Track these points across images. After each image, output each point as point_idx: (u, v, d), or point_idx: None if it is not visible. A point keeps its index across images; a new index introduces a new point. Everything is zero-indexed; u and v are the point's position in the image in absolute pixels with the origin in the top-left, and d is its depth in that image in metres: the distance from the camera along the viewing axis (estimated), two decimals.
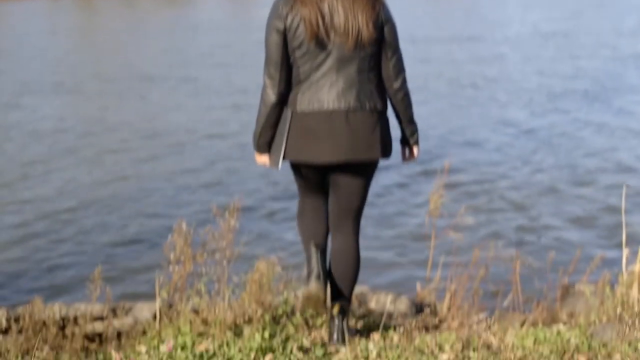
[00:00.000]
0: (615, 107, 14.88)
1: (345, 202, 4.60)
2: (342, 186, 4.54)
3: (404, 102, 4.50)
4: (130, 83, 17.98)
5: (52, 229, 8.66)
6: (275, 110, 4.39)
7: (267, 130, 4.45)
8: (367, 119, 4.34)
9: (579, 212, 9.21)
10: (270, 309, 4.81)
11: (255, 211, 9.16)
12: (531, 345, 4.64)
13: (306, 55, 4.28)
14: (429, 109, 14.77)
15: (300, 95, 4.34)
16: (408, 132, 4.63)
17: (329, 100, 4.30)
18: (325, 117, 4.31)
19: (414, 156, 4.74)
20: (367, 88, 4.35)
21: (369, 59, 4.33)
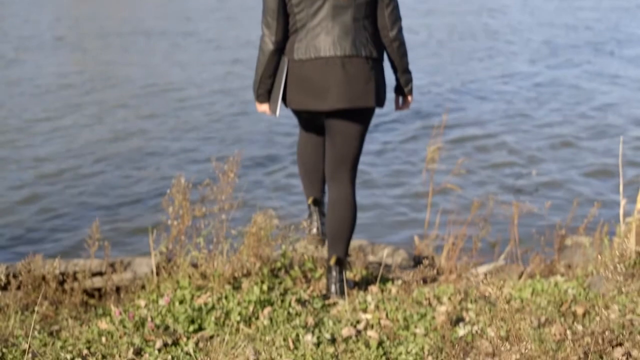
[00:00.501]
0: (624, 58, 14.80)
1: (340, 150, 4.65)
2: (338, 133, 4.61)
3: (399, 51, 4.55)
4: (132, 38, 17.81)
5: (53, 187, 8.62)
6: (274, 58, 4.48)
7: (266, 79, 4.55)
8: (363, 65, 4.41)
9: (584, 164, 9.19)
10: (269, 262, 4.82)
11: (256, 166, 9.15)
12: (529, 297, 4.67)
13: (302, 3, 4.36)
14: (434, 62, 14.72)
15: (297, 44, 4.43)
16: (403, 82, 4.69)
17: (325, 48, 4.38)
18: (321, 64, 4.39)
19: (408, 105, 4.81)
20: (362, 35, 4.42)
21: (365, 7, 4.40)
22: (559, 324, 4.15)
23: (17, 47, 16.57)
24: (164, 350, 3.98)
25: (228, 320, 4.28)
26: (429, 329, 4.20)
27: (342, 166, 4.69)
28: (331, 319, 4.32)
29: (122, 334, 4.12)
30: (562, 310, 4.45)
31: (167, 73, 14.18)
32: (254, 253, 4.75)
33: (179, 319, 4.24)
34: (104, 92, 12.96)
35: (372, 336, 4.10)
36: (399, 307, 4.45)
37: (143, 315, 4.28)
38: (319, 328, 4.20)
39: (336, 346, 3.99)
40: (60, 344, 4.04)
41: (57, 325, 4.35)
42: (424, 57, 15.03)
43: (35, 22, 20.06)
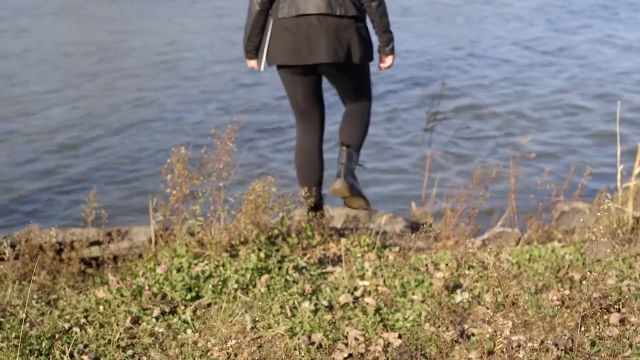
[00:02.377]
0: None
1: (345, 94, 5.17)
2: (337, 86, 5.13)
3: (378, 12, 4.84)
4: (138, 3, 17.67)
5: (44, 156, 8.61)
6: (260, 18, 4.87)
7: (254, 37, 4.95)
8: (338, 22, 4.72)
9: (585, 132, 9.18)
10: (266, 230, 4.82)
11: (259, 133, 9.13)
12: (526, 263, 4.67)
13: None
14: (439, 26, 14.65)
15: (281, 3, 4.77)
16: (384, 41, 4.99)
17: (305, 6, 4.71)
18: (300, 22, 4.74)
19: (389, 65, 5.09)
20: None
21: None
22: (555, 290, 4.17)
23: (19, 16, 16.42)
24: (161, 318, 3.99)
25: (225, 288, 4.28)
26: (426, 296, 4.21)
27: (351, 100, 5.16)
28: (328, 286, 4.32)
29: (119, 302, 4.13)
30: (559, 276, 4.46)
31: (175, 40, 14.03)
32: (252, 221, 4.74)
33: (177, 287, 4.24)
34: (109, 61, 12.82)
35: (370, 303, 4.11)
36: (396, 274, 4.46)
37: (140, 284, 4.29)
38: (316, 295, 4.21)
39: (333, 313, 4.00)
40: (58, 313, 4.06)
41: (55, 295, 4.36)
42: (432, 22, 14.99)
43: None
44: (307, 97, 5.08)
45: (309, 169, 5.20)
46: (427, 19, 15.43)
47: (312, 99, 5.10)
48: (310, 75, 4.97)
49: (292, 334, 3.77)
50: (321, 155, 5.23)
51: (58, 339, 3.74)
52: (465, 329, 3.78)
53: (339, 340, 3.74)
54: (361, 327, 3.84)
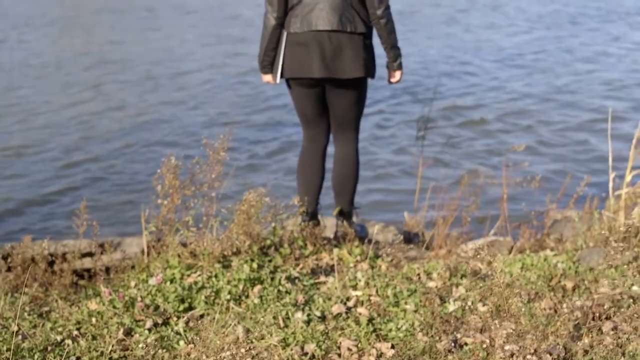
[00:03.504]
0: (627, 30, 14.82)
1: (340, 117, 5.23)
2: (334, 101, 5.16)
3: (386, 29, 4.98)
4: (127, 15, 17.69)
5: (37, 168, 8.59)
6: (276, 32, 4.99)
7: (270, 51, 5.06)
8: (347, 39, 4.89)
9: (576, 139, 9.20)
10: (259, 240, 4.81)
11: (251, 143, 9.13)
12: (519, 271, 4.67)
13: None
14: (422, 36, 14.67)
15: (293, 19, 4.92)
16: (391, 57, 5.14)
17: (316, 23, 4.86)
18: (312, 36, 4.88)
19: (398, 79, 5.24)
20: (349, 12, 4.88)
21: None
22: (548, 299, 4.16)
23: (18, 28, 16.39)
24: (154, 330, 3.98)
25: (218, 299, 4.27)
26: (419, 305, 4.20)
27: (343, 129, 5.28)
28: (321, 297, 4.31)
29: (112, 314, 4.11)
30: (551, 284, 4.45)
31: (172, 51, 14.04)
32: (244, 231, 4.73)
33: (169, 299, 4.23)
34: (105, 71, 12.86)
35: (362, 313, 4.10)
36: (389, 284, 4.45)
37: (133, 295, 4.27)
38: (309, 305, 4.20)
39: (326, 323, 3.99)
40: (50, 325, 4.04)
41: (47, 307, 4.35)
42: (412, 32, 15.01)
43: (24, 2, 19.89)
44: (315, 108, 5.22)
45: (311, 176, 5.36)
46: (426, 27, 15.47)
47: (319, 110, 5.24)
48: (317, 88, 5.10)
49: (285, 344, 3.76)
50: (324, 164, 5.39)
51: (50, 352, 3.73)
52: (459, 339, 3.77)
53: (332, 350, 3.73)
54: (354, 337, 3.83)
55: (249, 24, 15.80)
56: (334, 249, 4.98)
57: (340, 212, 5.39)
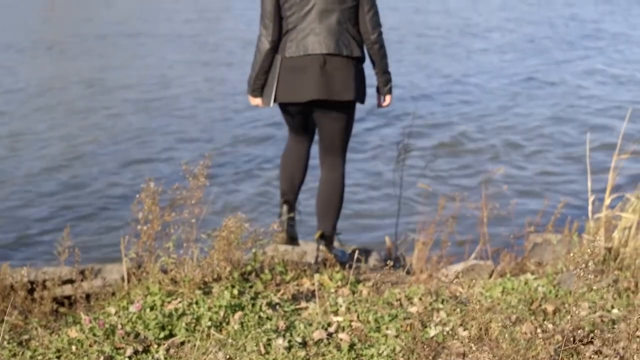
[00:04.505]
0: (605, 55, 14.92)
1: (328, 140, 5.34)
2: (324, 124, 5.27)
3: (379, 53, 5.14)
4: (112, 40, 17.63)
5: (17, 193, 8.55)
6: (269, 56, 5.07)
7: (262, 74, 5.13)
8: (343, 63, 5.00)
9: (555, 161, 9.24)
10: (239, 266, 4.80)
11: (228, 168, 9.12)
12: (499, 295, 4.68)
13: (293, 7, 4.95)
14: (411, 59, 14.74)
15: (288, 43, 5.01)
16: (382, 81, 5.28)
17: (312, 47, 4.96)
18: (308, 60, 4.97)
19: (388, 104, 5.39)
20: (345, 37, 5.00)
21: (348, 12, 4.99)
22: (529, 323, 4.18)
23: (7, 53, 16.32)
24: (134, 357, 3.96)
25: (199, 325, 4.25)
26: (400, 330, 4.21)
27: (331, 152, 5.37)
28: (302, 322, 4.31)
29: (92, 342, 4.09)
30: (532, 308, 4.47)
31: (161, 76, 14.01)
32: (225, 257, 4.72)
33: (150, 326, 4.21)
34: (94, 97, 12.80)
35: (344, 339, 4.10)
36: (370, 309, 4.45)
37: (113, 323, 4.25)
38: (290, 332, 4.19)
39: (307, 350, 3.99)
40: (30, 354, 4.01)
41: (27, 335, 4.31)
42: (404, 54, 15.08)
43: (10, 27, 19.82)
44: (303, 123, 5.39)
45: (293, 168, 5.51)
46: (407, 50, 15.54)
47: (307, 125, 5.42)
48: (309, 110, 5.24)
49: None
50: (307, 163, 5.54)
51: None
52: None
53: None
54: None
55: (233, 51, 15.83)
56: (315, 274, 4.97)
57: (321, 235, 5.41)
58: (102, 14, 21.95)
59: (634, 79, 13.09)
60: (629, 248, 5.27)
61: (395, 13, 19.61)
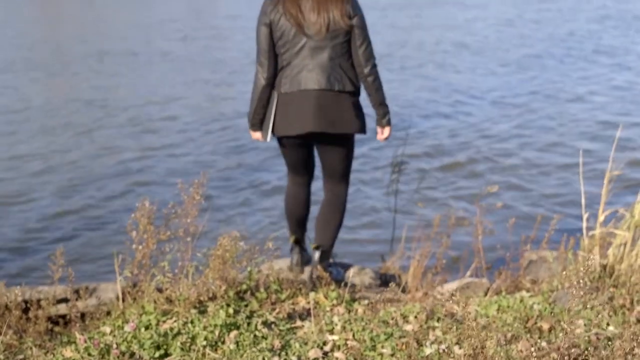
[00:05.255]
0: (597, 69, 14.95)
1: (329, 170, 5.47)
2: (323, 157, 5.40)
3: (374, 86, 5.21)
4: (97, 59, 17.69)
5: (10, 213, 8.54)
6: (266, 92, 5.18)
7: (260, 109, 5.25)
8: (335, 98, 5.09)
9: (548, 178, 9.25)
10: (235, 285, 4.80)
11: (222, 187, 9.12)
12: (495, 313, 4.68)
13: (287, 44, 5.06)
14: (397, 77, 14.75)
15: (283, 79, 5.12)
16: (380, 114, 5.34)
17: (305, 82, 5.06)
18: (302, 96, 5.08)
19: (387, 136, 5.43)
20: (337, 72, 5.08)
21: (340, 47, 5.07)
22: (525, 341, 4.17)
23: (1, 73, 16.32)
24: None
25: (194, 345, 4.24)
26: (396, 349, 4.20)
27: (333, 179, 5.51)
28: (298, 341, 4.30)
29: None
30: (528, 326, 4.47)
31: (155, 96, 14.02)
32: (220, 276, 4.72)
33: (145, 345, 4.20)
34: (71, 115, 12.82)
35: (339, 357, 4.09)
36: (365, 327, 4.44)
37: (108, 342, 4.24)
38: (285, 351, 4.18)
39: None
40: None
41: (22, 355, 4.30)
42: (399, 71, 15.12)
43: (7, 47, 19.83)
44: (302, 159, 5.48)
45: (297, 209, 5.64)
46: (402, 68, 15.57)
47: (305, 160, 5.51)
48: (307, 144, 5.39)
49: None
50: (309, 203, 5.67)
51: None
52: None
53: None
54: None
55: (233, 69, 15.85)
56: (310, 292, 4.97)
57: (317, 247, 5.49)
58: (100, 32, 22.00)
59: (631, 94, 13.11)
60: (624, 265, 5.27)
61: (395, 30, 19.69)
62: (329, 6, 5.00)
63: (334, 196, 5.56)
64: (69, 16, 26.41)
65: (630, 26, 19.97)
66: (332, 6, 5.00)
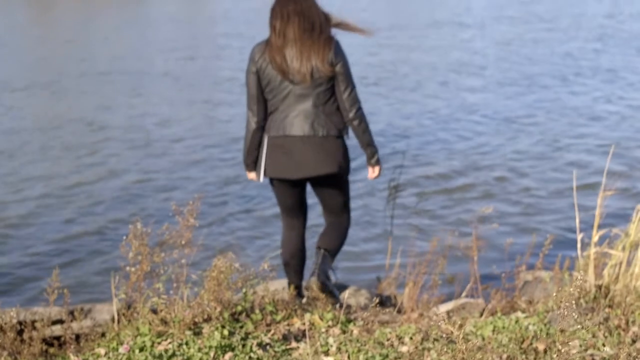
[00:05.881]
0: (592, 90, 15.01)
1: (327, 206, 5.68)
2: (319, 195, 5.62)
3: (360, 128, 5.37)
4: (93, 79, 17.73)
5: (5, 233, 8.53)
6: (257, 135, 5.39)
7: (253, 150, 5.44)
8: (320, 141, 5.27)
9: (543, 198, 9.27)
10: (230, 306, 4.80)
11: (217, 208, 9.13)
12: (490, 334, 4.67)
13: (273, 91, 5.26)
14: (394, 98, 14.79)
15: (271, 124, 5.33)
16: (368, 155, 5.52)
17: (290, 129, 5.26)
18: (288, 141, 5.28)
19: (377, 175, 5.61)
20: (321, 118, 5.26)
21: (323, 95, 5.26)
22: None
23: None
24: None
25: None
26: None
27: (332, 213, 5.70)
28: None
29: None
30: (523, 347, 4.46)
31: (151, 115, 14.01)
32: (215, 297, 4.72)
33: None
34: (80, 135, 12.80)
35: None
36: (360, 349, 4.44)
37: None
38: None
39: None
40: None
41: None
42: (395, 91, 15.17)
43: (5, 66, 19.84)
44: (294, 201, 5.62)
45: (293, 259, 5.70)
46: (398, 89, 15.61)
47: (298, 203, 5.64)
48: (298, 185, 5.53)
49: None
50: (304, 250, 5.76)
51: None
52: None
53: None
54: None
55: (232, 89, 15.87)
56: (306, 313, 4.97)
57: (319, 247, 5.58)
58: (98, 51, 22.02)
59: (623, 115, 13.14)
60: (619, 285, 5.28)
61: (389, 50, 19.73)
62: (312, 55, 5.17)
63: (337, 226, 5.72)
64: (67, 36, 26.44)
65: (630, 45, 20.03)
66: (314, 55, 5.17)
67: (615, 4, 28.87)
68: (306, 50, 5.17)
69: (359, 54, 17.92)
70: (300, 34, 5.19)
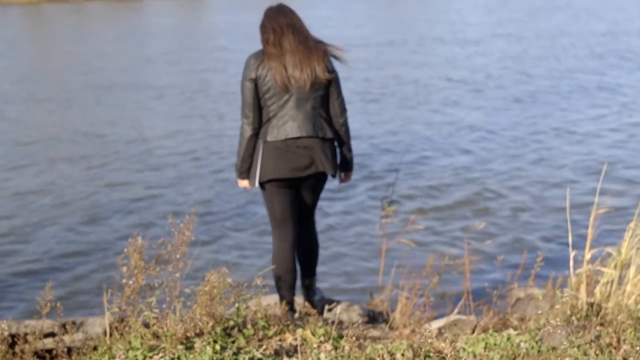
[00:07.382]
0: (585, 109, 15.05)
1: (305, 209, 5.85)
2: (306, 192, 5.76)
3: (347, 134, 5.67)
4: (95, 92, 17.76)
5: (9, 247, 8.54)
6: (251, 142, 5.52)
7: (246, 159, 5.57)
8: (319, 143, 5.49)
9: (537, 216, 9.28)
10: (222, 321, 4.79)
11: (212, 222, 9.14)
12: (482, 351, 4.68)
13: (273, 97, 5.42)
14: (386, 115, 14.82)
15: (270, 129, 5.46)
16: (349, 159, 5.78)
17: (291, 131, 5.42)
18: (288, 143, 5.43)
19: (349, 179, 5.90)
20: (319, 121, 5.51)
21: (320, 99, 5.50)
22: None
23: None
24: None
25: None
26: None
27: (308, 215, 5.89)
28: None
29: None
30: None
31: (145, 128, 14.05)
32: (207, 312, 4.72)
33: None
34: (80, 148, 12.83)
35: None
36: None
37: None
38: None
39: None
40: None
41: None
42: (389, 108, 15.19)
43: (5, 79, 19.85)
44: (285, 208, 5.70)
45: (285, 274, 5.77)
46: (390, 106, 15.63)
47: (289, 211, 5.72)
48: (291, 189, 5.65)
49: None
50: (295, 262, 5.84)
51: None
52: None
53: None
54: None
55: (233, 101, 15.88)
56: (298, 329, 4.97)
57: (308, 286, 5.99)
58: (98, 64, 22.06)
59: (618, 134, 13.18)
60: (611, 303, 5.29)
61: (395, 67, 19.77)
62: (312, 62, 5.40)
63: (309, 232, 5.96)
64: (65, 49, 26.48)
65: (629, 63, 20.08)
66: (314, 62, 5.40)
67: (615, 22, 28.99)
68: (305, 59, 5.39)
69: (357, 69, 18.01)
70: (296, 44, 5.41)
